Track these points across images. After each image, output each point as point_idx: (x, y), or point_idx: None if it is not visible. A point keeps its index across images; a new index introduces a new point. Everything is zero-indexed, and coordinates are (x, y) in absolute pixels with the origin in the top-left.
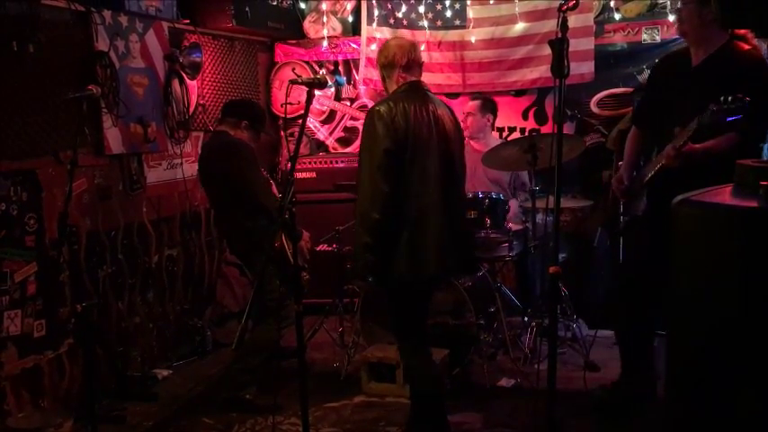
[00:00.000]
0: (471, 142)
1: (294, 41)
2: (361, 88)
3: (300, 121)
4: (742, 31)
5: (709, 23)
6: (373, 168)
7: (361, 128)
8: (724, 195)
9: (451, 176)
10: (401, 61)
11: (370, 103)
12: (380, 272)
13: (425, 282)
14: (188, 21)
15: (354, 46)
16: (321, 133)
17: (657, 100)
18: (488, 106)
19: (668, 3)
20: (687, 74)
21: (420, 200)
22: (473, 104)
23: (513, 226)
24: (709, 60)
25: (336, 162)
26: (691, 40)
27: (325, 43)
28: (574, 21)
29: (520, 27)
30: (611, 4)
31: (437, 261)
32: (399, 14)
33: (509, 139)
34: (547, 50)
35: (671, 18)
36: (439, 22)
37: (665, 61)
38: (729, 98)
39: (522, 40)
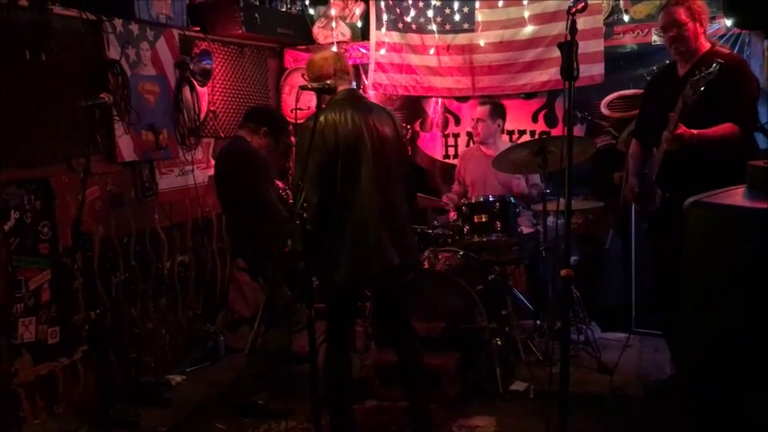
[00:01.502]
0: (482, 147)
1: (303, 47)
2: (371, 93)
3: None
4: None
5: (699, 37)
6: (305, 180)
7: None
8: (736, 197)
9: (388, 180)
10: (328, 72)
11: None
12: (317, 275)
13: (363, 284)
14: (198, 28)
15: (363, 51)
16: None
17: (650, 114)
18: (498, 111)
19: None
20: (674, 85)
21: (354, 206)
22: (482, 110)
23: (524, 229)
24: (692, 69)
25: None
26: (685, 55)
27: (334, 48)
28: (583, 23)
29: (529, 30)
30: (621, 5)
31: (377, 263)
32: (408, 19)
33: (519, 141)
34: (556, 53)
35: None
36: (448, 26)
37: (654, 78)
38: (704, 68)
39: (531, 42)
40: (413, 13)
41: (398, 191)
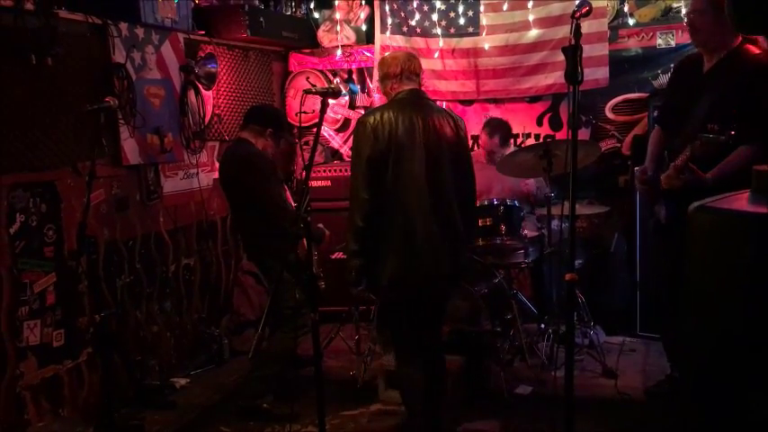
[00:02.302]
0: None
1: (308, 51)
2: (376, 96)
3: (315, 129)
4: (754, 36)
5: (724, 29)
6: (356, 177)
7: None
8: (741, 202)
9: (441, 183)
10: (395, 71)
11: None
12: (368, 275)
13: (413, 286)
14: (203, 32)
15: (368, 54)
16: (335, 142)
17: (673, 105)
18: (506, 137)
19: (682, 7)
20: (698, 79)
21: (404, 206)
22: (492, 143)
23: (528, 233)
24: (718, 65)
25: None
26: (705, 48)
27: (338, 52)
28: (588, 26)
29: (533, 33)
30: (625, 9)
31: (426, 265)
32: (413, 23)
33: (524, 145)
34: (561, 56)
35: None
36: (452, 30)
37: (679, 66)
38: (716, 127)
39: (536, 46)
40: (417, 16)
41: (451, 195)
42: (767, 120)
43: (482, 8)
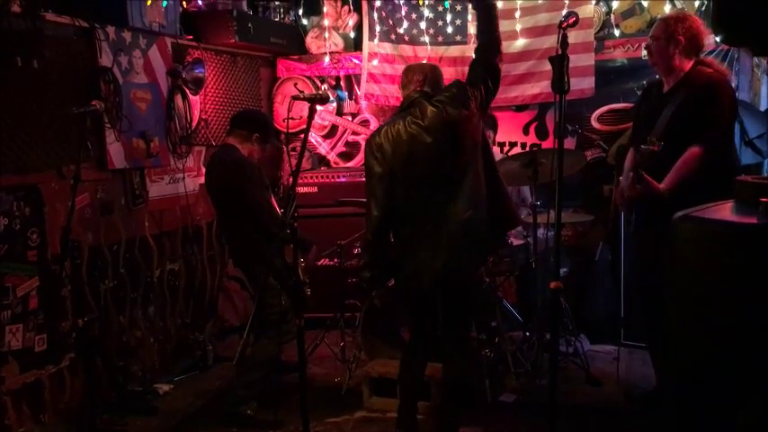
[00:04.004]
0: None
1: (296, 57)
2: (363, 103)
3: (302, 135)
4: (708, 59)
5: (675, 56)
6: (368, 194)
7: (362, 143)
8: (724, 212)
9: (442, 187)
10: (402, 82)
11: (372, 119)
12: (378, 286)
13: (421, 293)
14: (191, 36)
15: (356, 61)
16: (323, 148)
17: (639, 125)
18: (488, 123)
19: None
20: (660, 99)
21: (412, 219)
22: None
23: (514, 241)
24: (675, 86)
25: (338, 177)
26: (661, 70)
27: (327, 59)
28: (574, 37)
29: (521, 43)
30: (611, 20)
31: (429, 276)
32: (401, 30)
33: (510, 153)
34: (548, 66)
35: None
36: (440, 38)
37: (645, 90)
38: (653, 139)
39: (522, 55)
40: (406, 24)
41: (470, 189)
42: (717, 123)
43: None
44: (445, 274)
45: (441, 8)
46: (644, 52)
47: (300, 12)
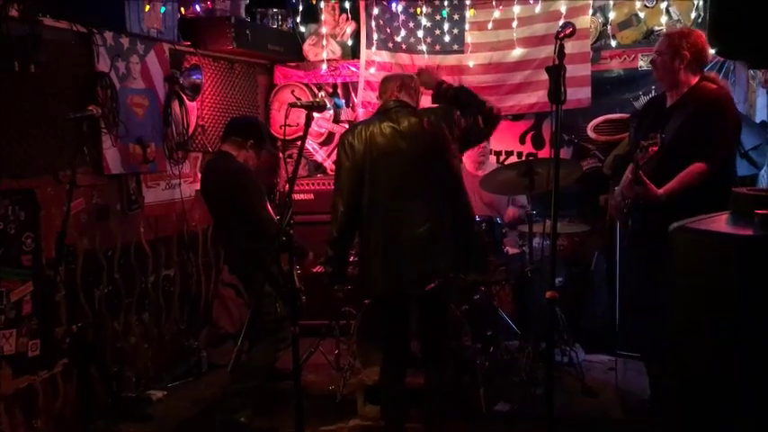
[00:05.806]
0: (470, 169)
1: (294, 64)
2: (360, 111)
3: (299, 142)
4: (712, 75)
5: (680, 71)
6: (335, 190)
7: None
8: (720, 223)
9: (413, 188)
10: (379, 91)
11: None
12: (340, 281)
13: (397, 291)
14: (189, 43)
15: (353, 69)
16: (319, 155)
17: (641, 138)
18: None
19: (664, 30)
20: (662, 114)
21: (376, 219)
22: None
23: (509, 250)
24: (679, 101)
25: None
26: (665, 85)
27: (324, 66)
28: (571, 47)
29: (518, 53)
30: (608, 31)
31: (384, 279)
32: (398, 39)
33: (506, 163)
34: (544, 76)
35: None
36: (437, 47)
37: (647, 105)
38: (650, 135)
39: (519, 65)
40: (403, 33)
41: (433, 198)
42: (723, 143)
43: (467, 26)
44: (396, 283)
45: (438, 17)
46: (641, 63)
47: (298, 19)
